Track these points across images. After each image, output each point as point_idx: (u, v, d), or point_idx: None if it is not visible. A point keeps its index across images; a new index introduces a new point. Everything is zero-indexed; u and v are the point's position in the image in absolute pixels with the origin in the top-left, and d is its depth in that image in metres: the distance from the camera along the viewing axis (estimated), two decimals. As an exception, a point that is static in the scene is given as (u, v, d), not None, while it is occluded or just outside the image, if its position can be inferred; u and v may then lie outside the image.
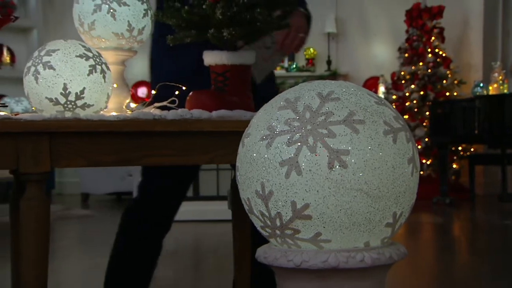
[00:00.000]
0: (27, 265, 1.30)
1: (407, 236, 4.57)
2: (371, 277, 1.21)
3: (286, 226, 1.16)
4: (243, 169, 1.20)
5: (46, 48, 1.37)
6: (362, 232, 1.18)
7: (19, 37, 7.13)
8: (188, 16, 1.50)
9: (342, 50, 7.68)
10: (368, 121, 1.14)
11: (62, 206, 5.94)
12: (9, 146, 1.26)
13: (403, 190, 1.18)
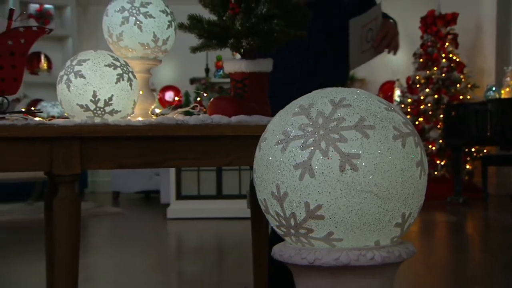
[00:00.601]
0: (59, 260, 1.33)
1: (421, 234, 4.53)
2: (381, 275, 1.20)
3: (300, 226, 1.16)
4: (259, 171, 1.21)
5: (78, 58, 1.40)
6: (372, 232, 1.18)
7: (55, 45, 7.24)
8: (210, 27, 1.51)
9: (359, 55, 7.63)
10: (378, 126, 1.15)
11: (95, 204, 6.00)
12: (43, 149, 1.29)
13: (411, 192, 1.18)
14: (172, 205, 5.03)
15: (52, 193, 1.57)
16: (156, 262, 3.65)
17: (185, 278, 3.28)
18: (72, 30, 7.32)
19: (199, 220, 4.89)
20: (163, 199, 5.60)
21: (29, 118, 1.38)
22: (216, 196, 4.95)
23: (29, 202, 5.80)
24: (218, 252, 4.05)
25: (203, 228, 4.70)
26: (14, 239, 4.37)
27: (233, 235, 4.37)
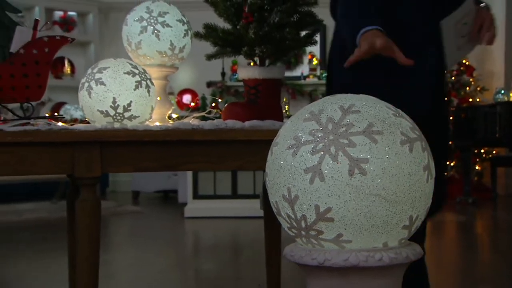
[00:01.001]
0: (81, 258, 1.35)
1: (431, 234, 4.50)
2: (389, 275, 1.20)
3: (310, 228, 1.17)
4: (271, 175, 1.22)
5: (98, 66, 1.42)
6: (381, 234, 1.18)
7: (78, 50, 7.30)
8: (224, 35, 1.53)
9: (371, 59, 7.60)
10: (386, 132, 1.15)
11: (115, 203, 6.04)
12: (66, 153, 1.31)
13: (418, 195, 1.18)
14: (189, 204, 5.05)
15: (74, 194, 1.59)
16: (174, 260, 3.67)
17: (202, 275, 3.29)
18: (94, 36, 7.38)
19: (215, 219, 4.90)
20: (181, 198, 5.62)
21: (52, 123, 1.40)
22: (231, 196, 4.96)
23: (53, 201, 5.85)
24: (233, 250, 4.05)
25: (219, 226, 4.71)
26: (39, 237, 4.42)
27: (247, 233, 4.38)
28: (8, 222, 4.96)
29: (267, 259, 1.87)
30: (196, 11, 3.74)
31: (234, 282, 3.03)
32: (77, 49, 7.26)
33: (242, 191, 4.94)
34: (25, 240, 4.32)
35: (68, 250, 1.83)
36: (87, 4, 7.27)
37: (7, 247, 3.97)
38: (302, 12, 1.53)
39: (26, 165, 1.30)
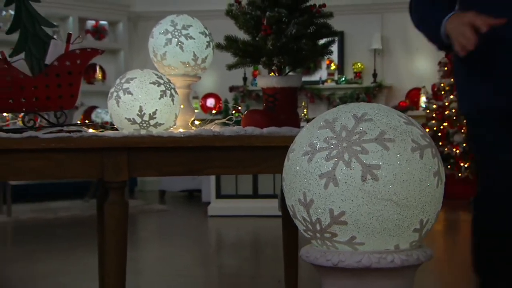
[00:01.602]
0: (109, 256, 1.37)
1: (446, 233, 4.45)
2: (400, 276, 1.20)
3: (325, 230, 1.17)
4: (288, 180, 1.22)
5: (126, 77, 1.44)
6: (392, 237, 1.18)
7: (109, 57, 7.40)
8: (244, 46, 1.54)
9: (387, 64, 7.55)
10: (397, 139, 1.15)
11: (143, 201, 6.10)
12: (95, 159, 1.34)
13: (429, 200, 1.18)
14: (212, 203, 5.08)
15: (104, 195, 1.62)
16: (198, 256, 3.69)
17: (224, 271, 3.31)
18: (124, 43, 7.47)
19: (236, 217, 4.92)
20: (204, 197, 5.65)
21: (83, 130, 1.43)
22: (252, 196, 4.97)
23: (86, 199, 5.93)
24: (254, 247, 4.06)
25: (240, 225, 4.73)
26: (73, 234, 4.49)
27: (267, 231, 4.38)
28: (45, 219, 5.05)
29: (285, 258, 1.88)
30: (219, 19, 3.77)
31: (254, 278, 3.04)
32: (108, 57, 7.36)
33: (262, 191, 4.95)
34: (60, 237, 4.39)
35: (98, 247, 1.87)
36: (118, 13, 7.36)
37: (44, 243, 4.04)
38: (318, 24, 1.53)
39: (59, 170, 1.33)
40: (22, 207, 5.42)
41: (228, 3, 1.59)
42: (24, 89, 1.41)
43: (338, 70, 7.47)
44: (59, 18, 7.06)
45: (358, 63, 7.56)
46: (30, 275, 3.10)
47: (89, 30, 7.36)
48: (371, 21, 7.28)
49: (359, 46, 7.38)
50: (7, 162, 1.27)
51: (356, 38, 7.38)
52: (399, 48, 7.52)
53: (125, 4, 7.39)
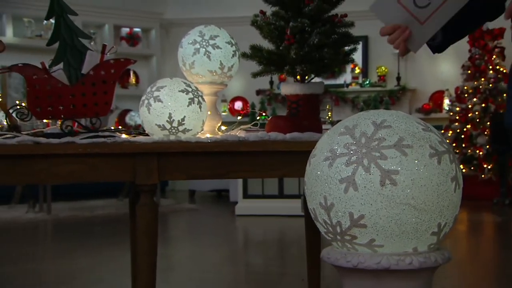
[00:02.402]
0: (140, 255, 1.40)
1: (469, 234, 4.37)
2: (419, 278, 1.20)
3: (345, 233, 1.18)
4: (309, 184, 1.23)
5: (156, 85, 1.47)
6: (411, 240, 1.17)
7: (142, 63, 7.51)
8: (268, 55, 1.55)
9: (410, 67, 7.46)
10: (415, 145, 1.14)
11: (174, 200, 6.17)
12: (128, 163, 1.37)
13: (446, 204, 1.17)
14: (240, 203, 5.11)
15: (135, 197, 1.66)
16: (226, 254, 3.71)
17: (251, 269, 3.32)
18: (156, 49, 7.57)
19: (263, 217, 4.94)
20: (232, 197, 5.68)
21: (117, 136, 1.47)
22: (278, 196, 4.98)
23: (120, 198, 6.03)
24: (280, 246, 4.07)
25: (267, 224, 4.74)
26: (108, 231, 4.58)
27: (293, 231, 4.38)
28: (82, 217, 5.15)
29: (308, 257, 1.89)
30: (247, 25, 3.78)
31: (280, 276, 3.05)
32: (141, 62, 7.47)
33: (288, 192, 4.95)
34: (96, 234, 4.47)
35: (131, 245, 1.91)
36: (151, 21, 7.47)
37: (81, 240, 4.13)
38: (340, 33, 1.54)
39: (95, 173, 1.37)
40: (61, 206, 5.54)
41: (254, 14, 1.61)
42: (62, 97, 1.46)
43: (363, 73, 7.42)
44: (96, 26, 7.21)
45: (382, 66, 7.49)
46: (68, 270, 3.17)
47: (123, 37, 7.49)
48: (395, 26, 7.22)
49: (383, 50, 7.31)
50: (46, 167, 1.32)
51: (380, 42, 7.29)
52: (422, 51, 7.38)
53: (158, 12, 7.50)
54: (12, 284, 2.87)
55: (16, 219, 4.93)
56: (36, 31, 6.65)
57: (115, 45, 7.21)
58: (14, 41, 6.44)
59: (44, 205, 5.20)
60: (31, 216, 5.06)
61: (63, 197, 5.78)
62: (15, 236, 4.42)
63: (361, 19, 7.80)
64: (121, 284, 2.75)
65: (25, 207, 5.31)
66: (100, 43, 7.11)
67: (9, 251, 3.72)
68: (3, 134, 1.41)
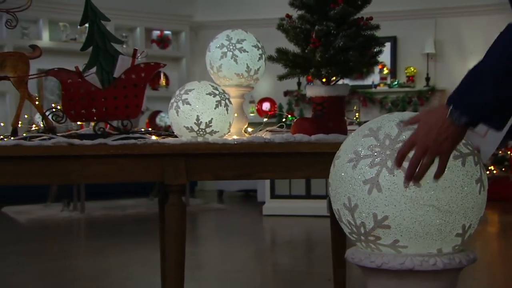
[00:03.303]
0: (169, 253, 1.43)
1: (500, 235, 4.28)
2: (443, 279, 1.20)
3: (369, 234, 1.18)
4: (333, 185, 1.24)
5: (185, 88, 1.50)
6: (435, 241, 1.17)
7: (172, 64, 7.60)
8: (294, 58, 1.57)
9: (440, 68, 7.33)
10: None
11: (202, 200, 6.22)
12: (157, 164, 1.41)
13: (471, 206, 1.17)
14: (267, 203, 5.12)
15: (164, 196, 1.70)
16: (253, 253, 3.74)
17: (278, 268, 3.34)
18: (186, 51, 7.65)
19: (290, 217, 4.94)
20: (260, 197, 5.69)
21: (146, 137, 1.50)
22: (305, 196, 4.98)
23: (150, 198, 6.12)
24: (307, 246, 4.07)
25: (294, 224, 4.74)
26: (139, 230, 4.65)
27: (319, 231, 4.37)
28: (114, 216, 5.26)
29: (334, 257, 1.89)
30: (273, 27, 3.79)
31: (306, 275, 3.06)
32: (171, 64, 7.56)
33: (315, 192, 4.94)
34: (128, 232, 4.56)
35: (160, 244, 1.95)
36: (181, 23, 7.56)
37: (113, 238, 4.21)
38: (366, 36, 1.54)
39: (126, 173, 1.41)
40: (94, 205, 5.66)
41: (280, 18, 1.63)
42: (95, 100, 1.50)
43: (391, 74, 7.33)
44: (128, 29, 7.34)
45: (411, 67, 7.39)
46: (100, 267, 3.25)
47: (154, 39, 7.60)
48: (424, 26, 7.11)
49: (412, 51, 7.21)
50: (79, 167, 1.36)
51: (409, 42, 7.22)
52: (452, 52, 7.30)
53: (188, 14, 7.58)
54: (47, 281, 2.96)
55: (52, 217, 5.07)
56: (70, 34, 6.81)
57: (146, 47, 7.33)
58: (50, 45, 6.62)
59: (78, 204, 5.32)
60: (65, 214, 5.19)
61: (96, 196, 5.90)
62: (51, 233, 4.54)
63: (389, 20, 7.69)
64: (151, 282, 2.80)
65: (60, 205, 5.45)
66: (132, 46, 7.23)
67: (45, 249, 3.83)
68: (39, 135, 1.46)
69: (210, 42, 1.66)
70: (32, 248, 3.83)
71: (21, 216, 5.12)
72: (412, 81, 7.41)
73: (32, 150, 1.32)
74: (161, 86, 7.62)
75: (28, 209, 5.46)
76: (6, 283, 2.88)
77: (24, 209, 5.49)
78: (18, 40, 6.43)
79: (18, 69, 1.45)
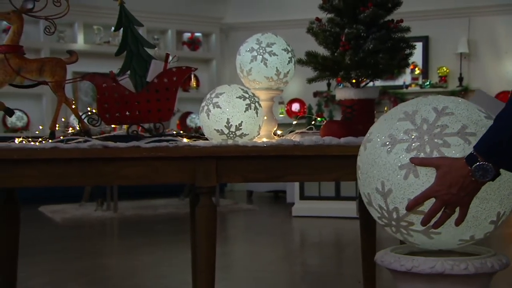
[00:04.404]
0: (201, 252, 1.45)
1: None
2: (474, 283, 1.18)
3: (401, 219, 1.14)
4: (364, 169, 1.19)
5: (216, 92, 1.53)
6: (469, 227, 1.13)
7: (203, 66, 7.67)
8: (323, 61, 1.57)
9: (473, 68, 7.18)
10: (478, 133, 1.10)
11: (232, 201, 6.25)
12: (188, 166, 1.43)
13: (507, 194, 1.13)
14: (296, 204, 5.12)
15: (195, 198, 1.73)
16: (282, 253, 3.74)
17: (307, 269, 3.33)
18: (216, 53, 7.71)
19: (319, 218, 4.92)
20: (289, 198, 5.70)
21: (178, 140, 1.53)
22: (335, 197, 4.95)
23: (181, 197, 6.19)
24: (336, 247, 4.05)
25: (323, 225, 4.73)
26: (170, 229, 4.72)
27: (349, 232, 4.34)
28: (146, 215, 5.34)
29: (363, 259, 1.88)
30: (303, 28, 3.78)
31: (336, 277, 3.05)
32: (201, 65, 7.64)
33: (344, 193, 4.91)
34: (159, 232, 4.63)
35: (191, 244, 1.98)
36: (211, 25, 7.62)
37: (145, 238, 4.29)
38: (396, 39, 1.53)
39: (158, 175, 1.44)
40: (127, 204, 5.77)
41: (310, 21, 1.63)
42: (129, 104, 1.54)
43: (423, 74, 7.22)
44: (159, 31, 7.45)
45: (444, 67, 7.26)
46: (133, 266, 3.31)
47: (185, 41, 7.68)
48: (458, 25, 6.98)
49: (444, 50, 7.08)
50: (114, 169, 1.40)
51: (441, 42, 7.10)
52: (486, 51, 7.14)
53: (218, 16, 7.64)
54: (80, 279, 3.03)
55: (86, 216, 5.19)
56: (104, 37, 6.96)
57: (177, 49, 7.42)
58: (85, 48, 6.78)
59: (111, 203, 5.43)
60: (99, 214, 5.30)
61: (129, 196, 6.01)
62: (85, 232, 4.65)
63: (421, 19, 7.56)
64: (182, 281, 2.84)
65: (93, 205, 5.57)
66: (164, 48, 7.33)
67: (79, 247, 3.93)
68: (75, 138, 1.51)
69: (240, 45, 1.68)
70: (68, 246, 3.94)
71: (57, 215, 5.26)
72: (445, 81, 7.28)
73: (69, 152, 1.36)
74: (191, 87, 7.70)
75: (63, 209, 5.60)
76: (43, 280, 2.97)
77: (59, 208, 5.63)
78: (54, 44, 6.61)
79: (56, 74, 1.50)
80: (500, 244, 3.92)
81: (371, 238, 1.84)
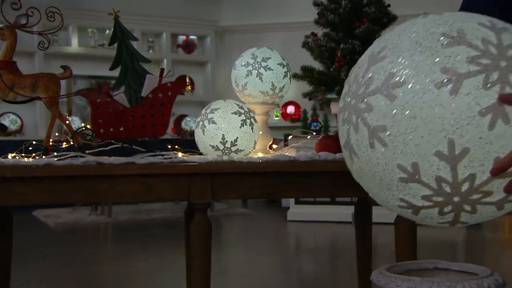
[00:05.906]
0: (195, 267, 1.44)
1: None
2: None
3: (475, 191, 0.79)
4: (402, 126, 0.77)
5: (211, 107, 1.52)
6: None
7: (197, 69, 7.66)
8: (319, 76, 1.57)
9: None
10: None
11: (227, 205, 6.25)
12: (183, 182, 1.42)
13: None
14: (292, 209, 5.12)
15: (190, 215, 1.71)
16: (278, 259, 3.74)
17: (303, 276, 3.33)
18: (211, 56, 7.70)
19: (315, 223, 4.93)
20: (284, 203, 5.70)
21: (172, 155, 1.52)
22: (330, 202, 4.96)
23: (176, 202, 6.18)
24: (331, 252, 4.05)
25: (318, 230, 4.73)
26: (164, 234, 4.71)
27: (344, 237, 4.35)
28: (141, 220, 5.32)
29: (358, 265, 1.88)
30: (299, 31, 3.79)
31: (331, 283, 3.04)
32: (196, 68, 7.62)
33: (340, 198, 4.92)
34: (154, 236, 4.61)
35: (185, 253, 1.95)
36: (206, 28, 7.61)
37: (139, 242, 4.27)
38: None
39: (152, 192, 1.43)
40: (121, 208, 5.75)
41: (305, 35, 1.62)
42: (123, 119, 1.53)
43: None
44: (154, 34, 7.43)
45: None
46: (127, 272, 3.29)
47: (180, 44, 7.66)
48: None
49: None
50: (108, 186, 1.39)
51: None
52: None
53: (213, 19, 7.63)
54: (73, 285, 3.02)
55: (80, 221, 5.16)
56: (98, 40, 6.93)
57: (172, 52, 7.40)
58: (79, 51, 6.75)
59: (105, 208, 5.41)
60: (93, 218, 5.28)
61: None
62: (79, 237, 4.63)
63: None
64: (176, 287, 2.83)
65: (87, 209, 5.55)
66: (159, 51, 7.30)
67: (73, 252, 3.91)
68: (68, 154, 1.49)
69: (236, 60, 1.67)
70: (61, 251, 3.91)
71: (50, 219, 5.23)
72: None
73: (63, 170, 1.35)
74: (186, 90, 7.68)
75: (56, 213, 5.57)
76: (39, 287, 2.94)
77: (53, 212, 5.61)
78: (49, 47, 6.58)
79: (50, 89, 1.48)
80: (497, 248, 3.94)
81: (366, 243, 1.83)
